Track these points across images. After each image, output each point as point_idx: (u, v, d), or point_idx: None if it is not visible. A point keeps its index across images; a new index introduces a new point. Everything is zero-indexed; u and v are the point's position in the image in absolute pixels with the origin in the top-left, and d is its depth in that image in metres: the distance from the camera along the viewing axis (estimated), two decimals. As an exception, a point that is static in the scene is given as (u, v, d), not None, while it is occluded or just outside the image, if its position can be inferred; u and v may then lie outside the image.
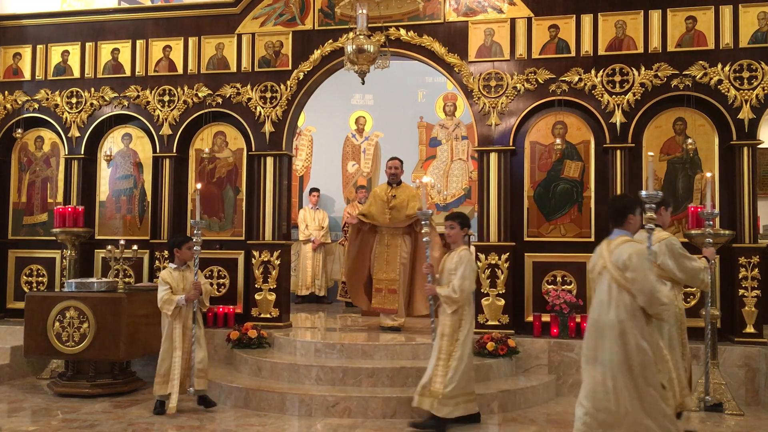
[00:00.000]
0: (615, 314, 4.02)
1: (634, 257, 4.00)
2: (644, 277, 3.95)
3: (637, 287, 3.94)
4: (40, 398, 6.47)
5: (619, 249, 4.10)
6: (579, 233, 7.18)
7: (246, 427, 5.44)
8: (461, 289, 5.34)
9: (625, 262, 4.00)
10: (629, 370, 3.93)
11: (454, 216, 5.70)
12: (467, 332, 5.44)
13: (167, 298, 5.91)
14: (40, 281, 8.45)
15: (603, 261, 4.18)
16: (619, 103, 7.07)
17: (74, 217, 7.45)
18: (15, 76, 8.62)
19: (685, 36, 7.03)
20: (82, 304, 6.54)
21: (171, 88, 8.13)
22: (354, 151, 12.60)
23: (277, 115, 7.85)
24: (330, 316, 9.20)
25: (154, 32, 8.25)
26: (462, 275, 5.36)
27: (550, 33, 7.30)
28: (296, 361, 6.52)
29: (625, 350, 3.96)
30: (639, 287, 3.94)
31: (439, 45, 7.48)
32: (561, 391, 6.72)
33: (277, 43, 7.91)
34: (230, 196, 8.03)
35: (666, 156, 7.08)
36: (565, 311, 6.91)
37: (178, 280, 6.04)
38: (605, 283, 4.11)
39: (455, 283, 5.33)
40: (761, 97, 6.81)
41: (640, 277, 3.95)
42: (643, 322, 3.97)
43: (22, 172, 8.65)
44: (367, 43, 6.29)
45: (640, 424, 3.87)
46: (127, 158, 8.35)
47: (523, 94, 7.31)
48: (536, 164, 7.33)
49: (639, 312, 3.97)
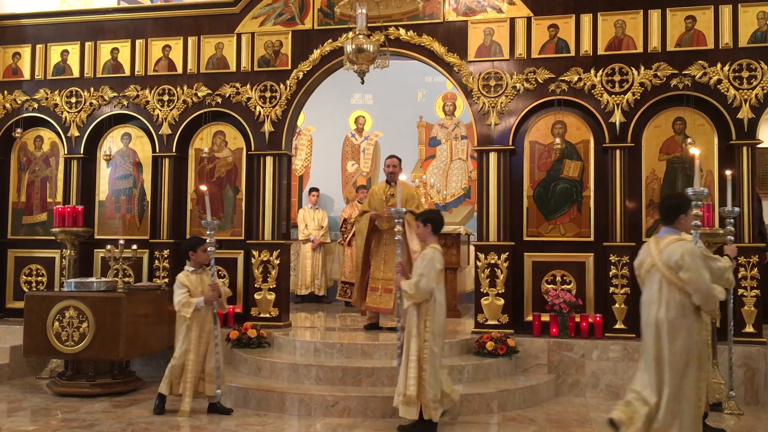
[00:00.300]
0: (665, 312, 4.13)
1: (686, 257, 4.08)
2: (699, 275, 4.04)
3: (693, 286, 4.04)
4: (40, 398, 6.46)
5: (669, 248, 4.17)
6: (578, 233, 7.18)
7: (246, 426, 5.44)
8: (416, 286, 5.21)
9: (678, 262, 4.08)
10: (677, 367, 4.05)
11: (420, 214, 5.64)
12: (434, 333, 5.24)
13: (186, 301, 5.83)
14: (40, 281, 8.44)
15: (651, 259, 4.26)
16: (618, 102, 7.07)
17: (73, 217, 7.45)
18: (14, 75, 8.62)
19: (685, 35, 7.03)
20: (81, 303, 6.53)
21: (170, 88, 8.13)
22: (353, 150, 12.60)
23: (276, 115, 7.85)
24: (329, 316, 9.20)
25: (154, 32, 8.25)
26: (420, 273, 5.23)
27: (550, 33, 7.30)
28: (296, 361, 6.52)
29: (674, 347, 4.07)
30: (695, 286, 4.04)
31: (439, 45, 7.48)
32: (560, 390, 6.72)
33: (277, 42, 7.91)
34: (230, 195, 8.03)
35: (665, 155, 7.09)
36: (564, 311, 6.91)
37: (195, 283, 5.95)
38: (655, 282, 4.21)
39: (413, 280, 5.27)
40: (760, 97, 6.82)
41: (695, 276, 4.04)
42: (692, 320, 4.09)
43: (22, 172, 8.65)
44: (366, 43, 6.29)
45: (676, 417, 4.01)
46: (126, 158, 8.35)
47: (523, 94, 7.31)
48: (536, 164, 7.33)
49: (689, 309, 4.09)
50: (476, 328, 7.18)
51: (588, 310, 7.09)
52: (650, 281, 4.25)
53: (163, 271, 7.90)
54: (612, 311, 6.94)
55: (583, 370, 6.75)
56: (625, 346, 6.68)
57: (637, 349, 6.63)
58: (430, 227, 5.41)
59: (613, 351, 6.71)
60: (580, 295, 7.10)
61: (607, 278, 6.99)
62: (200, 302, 5.83)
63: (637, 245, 6.92)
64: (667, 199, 4.63)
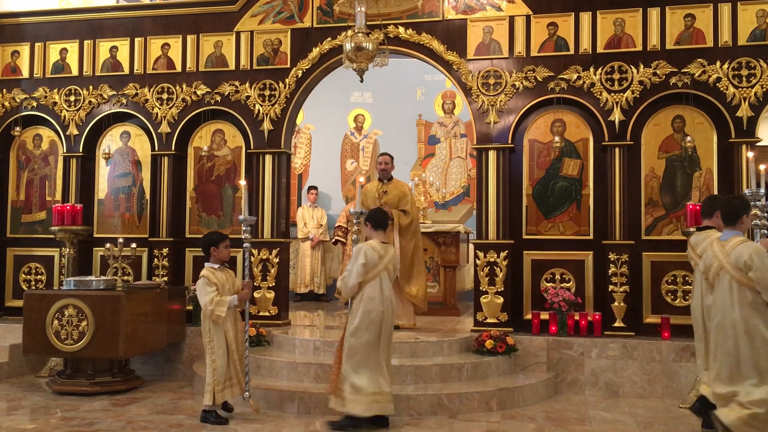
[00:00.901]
0: (739, 312, 4.33)
1: (755, 257, 4.29)
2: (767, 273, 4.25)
3: (763, 285, 4.25)
4: (39, 396, 6.47)
5: (736, 250, 4.39)
6: (578, 231, 7.19)
7: (244, 425, 5.44)
8: (342, 281, 5.37)
9: (747, 263, 4.30)
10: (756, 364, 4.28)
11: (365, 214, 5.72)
12: (357, 328, 5.24)
13: (219, 299, 5.52)
14: (39, 279, 8.44)
15: (719, 262, 4.48)
16: (617, 101, 7.07)
17: (73, 215, 7.45)
18: (13, 74, 8.61)
19: (684, 34, 7.03)
20: (80, 302, 6.53)
21: (169, 86, 8.12)
22: (353, 149, 12.60)
23: (275, 113, 7.84)
24: (329, 315, 9.20)
25: (153, 30, 8.24)
26: (348, 269, 5.38)
27: (549, 31, 7.29)
28: (295, 359, 6.52)
29: (753, 345, 4.29)
30: (765, 285, 4.25)
31: (438, 43, 7.48)
32: (559, 388, 6.73)
33: (276, 41, 7.90)
34: (229, 194, 8.03)
35: (665, 154, 7.09)
36: (563, 309, 6.92)
37: (222, 281, 5.64)
38: (725, 284, 4.42)
39: (341, 276, 5.38)
40: (760, 95, 6.81)
41: (765, 274, 4.24)
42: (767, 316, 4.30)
43: (21, 170, 8.65)
44: (365, 41, 6.29)
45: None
46: (125, 156, 8.34)
47: (522, 92, 7.31)
48: (535, 162, 7.33)
49: (763, 306, 4.29)
50: (475, 327, 7.18)
51: (587, 309, 7.09)
52: (720, 284, 4.47)
53: (163, 270, 7.90)
54: (611, 309, 6.95)
55: (582, 368, 6.75)
56: (624, 345, 6.69)
57: (636, 347, 6.64)
58: (369, 225, 5.54)
59: (612, 349, 6.71)
60: (579, 293, 7.10)
61: (606, 276, 6.99)
62: (234, 300, 5.58)
63: (636, 243, 6.97)
64: (731, 200, 4.75)
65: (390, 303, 5.35)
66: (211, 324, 5.59)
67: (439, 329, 7.49)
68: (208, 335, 5.60)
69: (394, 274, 5.49)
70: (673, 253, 6.92)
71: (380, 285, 5.31)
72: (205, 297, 5.56)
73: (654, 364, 6.60)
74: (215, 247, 5.74)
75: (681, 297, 6.91)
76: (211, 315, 5.54)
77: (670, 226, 7.00)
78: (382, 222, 5.55)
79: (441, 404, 5.78)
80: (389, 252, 5.44)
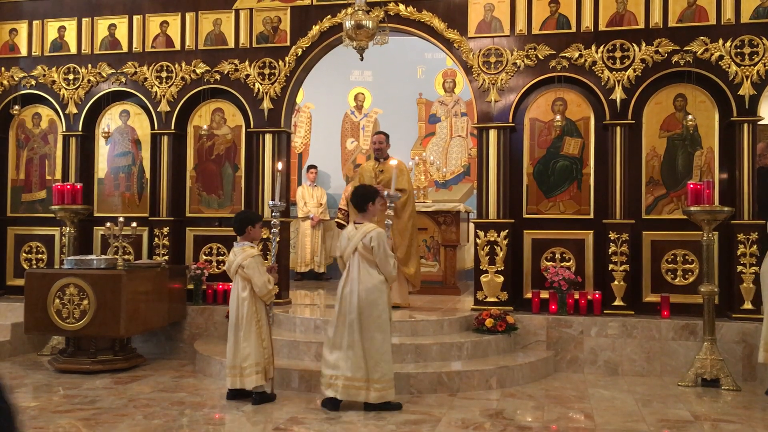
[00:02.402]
0: None
1: None
2: None
3: None
4: (41, 374, 6.50)
5: None
6: (578, 210, 7.18)
7: (246, 403, 5.47)
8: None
9: None
10: None
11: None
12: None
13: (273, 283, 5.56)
14: (40, 258, 8.45)
15: None
16: (619, 79, 7.03)
17: (73, 195, 7.44)
18: (11, 52, 8.55)
19: (687, 11, 6.97)
20: (81, 281, 6.55)
21: (168, 65, 8.08)
22: (353, 128, 12.56)
23: (275, 92, 7.80)
24: (329, 294, 9.23)
25: (151, 8, 8.17)
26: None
27: (551, 8, 7.23)
28: (296, 338, 6.55)
29: None
30: None
31: (439, 20, 7.42)
32: (559, 366, 6.76)
33: (275, 18, 7.84)
34: (229, 173, 8.01)
35: (666, 132, 7.06)
36: (563, 288, 6.93)
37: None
38: None
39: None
40: (762, 73, 6.77)
41: None
42: None
43: (20, 149, 8.62)
44: (365, 19, 6.24)
45: None
46: (125, 135, 8.32)
47: (523, 71, 7.26)
48: (536, 141, 7.30)
49: None
50: (475, 305, 7.20)
51: (587, 287, 7.11)
52: None
53: (163, 249, 7.91)
54: (611, 288, 6.96)
55: (581, 347, 6.78)
56: (624, 323, 6.71)
57: (635, 326, 6.66)
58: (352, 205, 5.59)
59: (611, 328, 6.74)
60: (579, 272, 7.11)
61: (606, 255, 7.00)
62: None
63: (637, 222, 6.97)
64: None
65: (355, 284, 5.21)
66: (258, 304, 5.49)
67: (439, 308, 7.52)
68: (256, 315, 5.47)
69: (369, 251, 5.22)
70: (674, 233, 6.92)
71: (349, 267, 5.32)
72: (262, 276, 5.46)
73: (653, 342, 6.63)
74: (252, 226, 5.63)
75: (681, 276, 6.92)
76: (268, 295, 5.49)
77: (670, 205, 6.99)
78: (358, 203, 5.46)
79: (441, 382, 5.81)
80: (359, 231, 5.28)
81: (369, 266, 5.22)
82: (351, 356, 5.16)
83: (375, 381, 5.13)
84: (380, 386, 5.14)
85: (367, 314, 5.15)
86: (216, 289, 7.78)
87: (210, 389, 5.96)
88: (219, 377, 6.22)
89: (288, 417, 5.08)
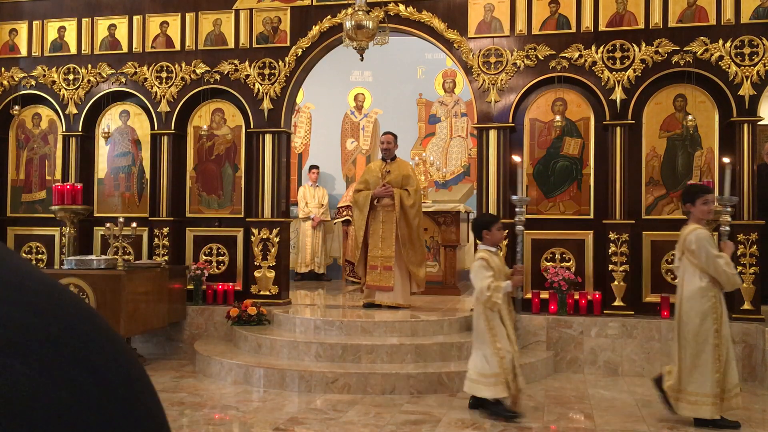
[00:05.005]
0: None
1: None
2: None
3: None
4: (41, 375, 6.50)
5: None
6: (578, 210, 7.18)
7: (246, 403, 5.48)
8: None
9: None
10: None
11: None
12: None
13: (497, 285, 5.06)
14: (40, 258, 8.45)
15: None
16: (619, 79, 7.03)
17: (73, 195, 7.44)
18: (11, 52, 8.55)
19: (687, 11, 6.97)
20: (81, 281, 6.54)
21: (168, 65, 8.08)
22: (353, 128, 12.56)
23: (275, 92, 7.80)
24: (329, 294, 9.24)
25: (151, 8, 8.17)
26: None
27: (551, 9, 7.23)
28: (296, 338, 6.56)
29: None
30: None
31: (439, 21, 7.42)
32: (559, 367, 6.76)
33: (275, 18, 7.84)
34: (229, 173, 8.01)
35: (666, 133, 7.06)
36: (563, 288, 6.93)
37: (500, 266, 5.26)
38: None
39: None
40: (762, 74, 6.77)
41: None
42: None
43: (20, 150, 8.62)
44: (365, 19, 6.24)
45: None
46: (125, 135, 8.31)
47: (523, 71, 7.26)
48: (535, 141, 7.30)
49: None
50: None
51: (587, 288, 7.11)
52: None
53: (163, 249, 7.91)
54: (611, 289, 6.96)
55: (581, 347, 6.78)
56: (624, 323, 6.71)
57: (635, 326, 6.66)
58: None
59: (611, 328, 6.74)
60: (579, 272, 7.11)
61: (607, 256, 7.00)
62: (508, 286, 5.13)
63: (637, 223, 6.97)
64: None
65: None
66: (488, 310, 5.15)
67: (439, 308, 7.52)
68: (486, 322, 5.15)
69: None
70: (674, 233, 6.86)
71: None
72: (482, 281, 5.10)
73: (653, 342, 6.63)
74: (487, 229, 5.34)
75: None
76: (488, 301, 5.07)
77: (670, 205, 6.99)
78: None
79: (441, 382, 5.82)
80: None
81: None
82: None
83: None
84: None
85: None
86: (216, 290, 7.78)
87: (210, 389, 5.97)
88: (219, 377, 6.23)
89: (288, 417, 5.08)
